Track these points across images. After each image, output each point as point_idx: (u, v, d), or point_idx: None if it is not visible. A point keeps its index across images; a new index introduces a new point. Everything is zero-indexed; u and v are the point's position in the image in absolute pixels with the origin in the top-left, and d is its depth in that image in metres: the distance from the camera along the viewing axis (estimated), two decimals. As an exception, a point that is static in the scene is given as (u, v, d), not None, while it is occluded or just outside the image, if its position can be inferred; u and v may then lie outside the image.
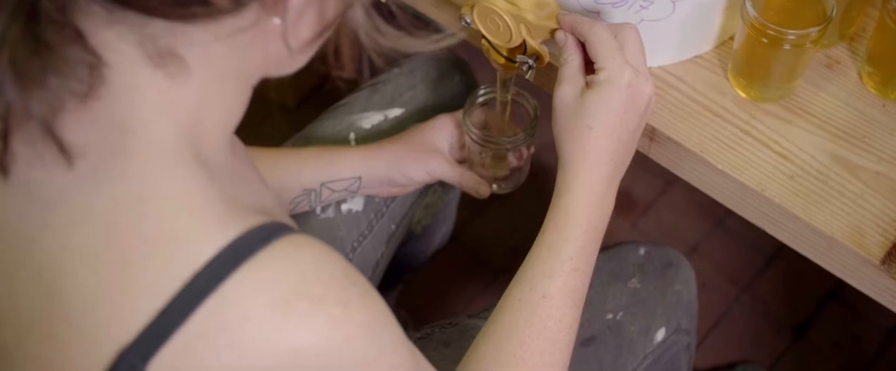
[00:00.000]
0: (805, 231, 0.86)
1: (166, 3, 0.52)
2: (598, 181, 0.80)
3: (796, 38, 0.84)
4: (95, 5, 0.53)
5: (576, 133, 0.79)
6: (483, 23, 0.90)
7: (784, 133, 0.90)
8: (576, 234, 0.80)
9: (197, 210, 0.56)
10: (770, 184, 0.87)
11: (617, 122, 0.79)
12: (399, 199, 1.11)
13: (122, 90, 0.56)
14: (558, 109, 0.81)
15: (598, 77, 0.79)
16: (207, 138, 0.60)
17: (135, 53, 0.55)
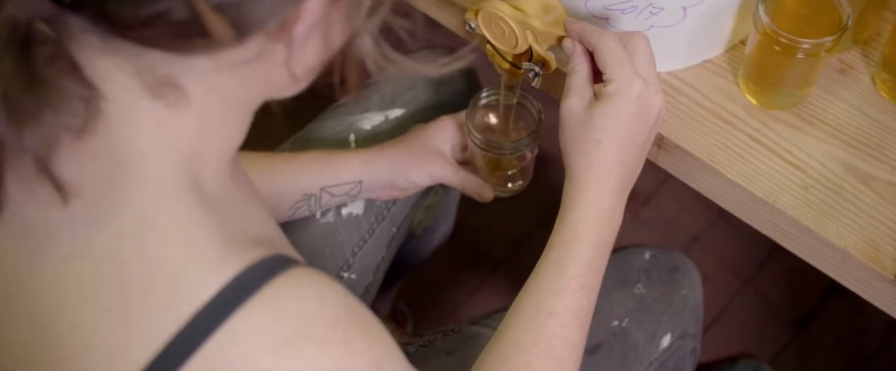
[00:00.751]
0: (817, 244, 0.84)
1: (165, 35, 0.49)
2: (606, 196, 0.78)
3: (810, 46, 0.82)
4: (91, 36, 0.50)
5: (584, 146, 0.77)
6: (488, 28, 0.87)
7: (796, 142, 0.88)
8: (583, 252, 0.78)
9: (196, 247, 0.54)
10: (782, 195, 0.85)
11: (626, 136, 0.77)
12: (400, 202, 1.09)
13: (120, 122, 0.53)
14: (566, 121, 0.79)
15: (608, 89, 0.76)
16: (207, 167, 0.58)
17: (132, 83, 0.53)
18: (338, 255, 1.04)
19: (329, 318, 0.56)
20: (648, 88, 0.76)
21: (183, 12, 0.48)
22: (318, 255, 1.03)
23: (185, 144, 0.56)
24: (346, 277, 1.05)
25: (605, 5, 0.84)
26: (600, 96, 0.77)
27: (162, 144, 0.55)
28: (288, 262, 0.57)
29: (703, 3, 0.84)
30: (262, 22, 0.50)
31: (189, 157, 0.56)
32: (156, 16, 0.48)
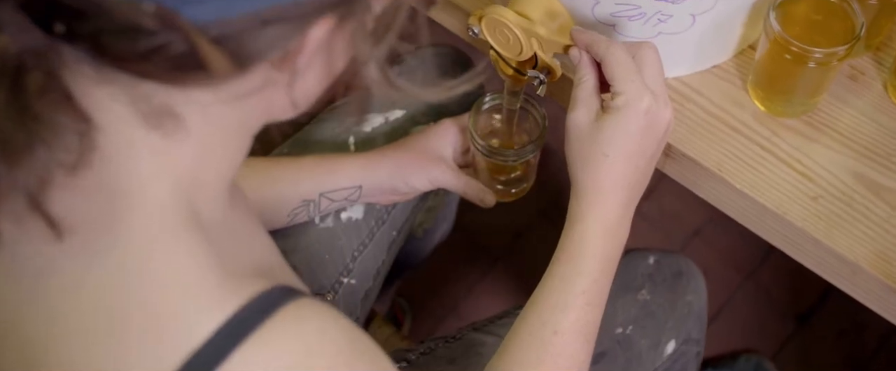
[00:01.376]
0: (827, 256, 0.83)
1: (162, 68, 0.47)
2: (613, 210, 0.76)
3: (823, 56, 0.80)
4: (84, 66, 0.48)
5: (591, 160, 0.75)
6: (492, 34, 0.85)
7: (806, 151, 0.86)
8: (589, 267, 0.76)
9: (194, 283, 0.52)
10: (791, 206, 0.84)
11: (634, 150, 0.75)
12: (400, 205, 1.07)
13: (115, 154, 0.51)
14: (572, 134, 0.77)
15: (616, 102, 0.74)
16: (206, 193, 0.56)
17: (128, 113, 0.51)
18: (337, 261, 1.03)
19: (331, 352, 0.54)
20: (657, 101, 0.74)
21: (181, 46, 0.45)
22: (318, 260, 1.02)
23: (183, 173, 0.54)
24: (345, 282, 1.04)
25: (612, 12, 0.82)
26: (608, 109, 0.75)
27: (159, 175, 0.53)
28: (288, 294, 0.55)
29: (713, 9, 0.82)
30: (264, 53, 0.48)
31: (187, 186, 0.54)
32: (153, 50, 0.46)
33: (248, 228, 0.63)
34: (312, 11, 0.47)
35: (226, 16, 0.45)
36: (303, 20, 0.47)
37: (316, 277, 1.01)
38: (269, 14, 0.46)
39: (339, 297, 1.03)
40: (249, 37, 0.46)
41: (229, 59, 0.47)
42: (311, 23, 0.48)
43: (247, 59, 0.48)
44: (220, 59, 0.46)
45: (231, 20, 0.45)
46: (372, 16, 0.50)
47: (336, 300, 1.03)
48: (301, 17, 0.47)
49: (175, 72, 0.47)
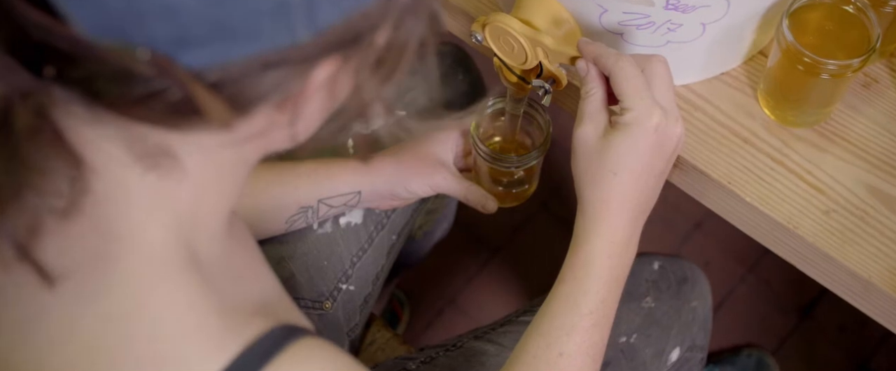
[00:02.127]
0: (839, 272, 0.81)
1: (157, 112, 0.45)
2: (620, 229, 0.74)
3: (836, 68, 0.77)
4: (76, 107, 0.45)
5: (598, 178, 0.73)
6: (495, 42, 0.82)
7: (818, 162, 0.84)
8: (596, 287, 0.74)
9: (192, 327, 0.50)
10: (803, 220, 0.81)
11: (643, 168, 0.73)
12: (400, 209, 1.05)
13: (108, 197, 0.49)
14: (579, 150, 0.74)
15: (624, 118, 0.72)
16: (203, 231, 0.54)
17: (122, 154, 0.48)
18: (336, 267, 1.01)
19: None
20: (667, 117, 0.72)
21: (177, 93, 0.43)
22: (316, 267, 0.99)
23: (179, 214, 0.51)
24: (344, 289, 1.02)
25: (620, 21, 0.80)
26: (616, 125, 0.73)
27: (155, 217, 0.50)
28: (289, 334, 0.53)
29: (724, 18, 0.79)
30: (265, 97, 0.46)
31: (184, 226, 0.52)
32: (148, 96, 0.43)
33: (247, 261, 0.61)
34: (315, 54, 0.45)
35: (224, 60, 0.42)
36: (306, 63, 0.45)
37: (314, 284, 0.99)
38: (270, 58, 0.43)
39: (338, 304, 1.01)
40: (250, 81, 0.44)
41: (228, 104, 0.45)
42: (315, 65, 0.45)
43: (247, 103, 0.45)
44: (218, 105, 0.44)
45: (230, 65, 0.43)
46: (377, 50, 0.48)
47: (335, 307, 1.01)
48: (304, 61, 0.45)
49: (172, 117, 0.45)
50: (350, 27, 0.44)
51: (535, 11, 0.81)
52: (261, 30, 0.42)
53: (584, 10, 0.80)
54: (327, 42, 0.44)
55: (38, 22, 0.40)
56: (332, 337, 1.01)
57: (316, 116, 0.52)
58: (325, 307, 1.00)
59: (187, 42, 0.41)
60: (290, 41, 0.43)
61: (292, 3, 0.41)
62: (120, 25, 0.41)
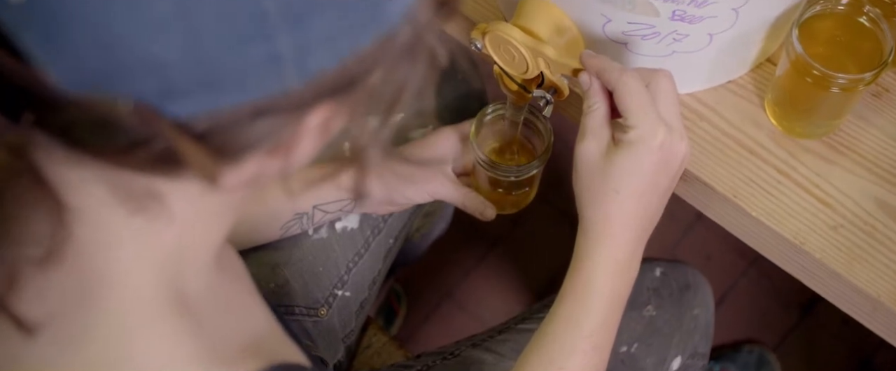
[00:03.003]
0: (847, 290, 0.79)
1: (142, 161, 0.42)
2: (622, 248, 0.72)
3: (847, 82, 0.75)
4: (57, 149, 0.43)
5: (600, 197, 0.71)
6: (496, 51, 0.80)
7: (826, 175, 0.81)
8: (596, 308, 0.72)
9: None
10: (810, 235, 0.79)
11: (647, 187, 0.70)
12: (397, 213, 1.02)
13: (92, 239, 0.47)
14: (581, 167, 0.72)
15: (628, 136, 0.69)
16: (191, 267, 0.52)
17: (106, 196, 0.46)
18: (331, 273, 0.99)
19: None
20: (672, 135, 0.70)
21: (162, 143, 0.41)
22: (311, 273, 0.97)
23: (166, 254, 0.49)
24: (340, 295, 1.00)
25: (624, 30, 0.77)
26: (620, 142, 0.70)
27: (140, 259, 0.48)
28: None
29: (732, 29, 0.77)
30: (256, 146, 0.43)
31: (171, 265, 0.50)
32: (132, 144, 0.41)
33: (237, 295, 0.59)
34: (308, 101, 0.42)
35: (212, 110, 0.40)
36: (298, 110, 0.42)
37: (309, 291, 0.97)
38: (259, 106, 0.41)
39: (334, 310, 0.99)
40: (239, 130, 0.41)
41: (217, 153, 0.42)
42: (307, 111, 0.43)
43: (237, 152, 0.43)
44: (206, 156, 0.42)
45: (218, 114, 0.40)
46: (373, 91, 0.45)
47: (330, 314, 0.99)
48: (295, 108, 0.42)
49: (158, 165, 0.43)
50: (344, 72, 0.42)
51: (536, 19, 0.79)
52: (250, 80, 0.39)
53: (588, 19, 0.77)
54: (320, 88, 0.42)
55: (13, 69, 0.38)
56: (326, 344, 0.99)
57: (308, 155, 0.49)
58: (320, 314, 0.98)
59: (172, 93, 0.39)
60: (280, 89, 0.40)
61: (282, 54, 0.39)
62: (99, 80, 0.38)
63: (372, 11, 0.41)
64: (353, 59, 0.41)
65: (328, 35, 0.40)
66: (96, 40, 0.37)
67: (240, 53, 0.38)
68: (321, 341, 0.98)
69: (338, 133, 0.50)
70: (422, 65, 0.45)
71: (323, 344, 0.98)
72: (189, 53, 0.38)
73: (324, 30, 0.39)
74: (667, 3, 0.73)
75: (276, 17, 0.38)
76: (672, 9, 0.74)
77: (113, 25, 0.37)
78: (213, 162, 0.42)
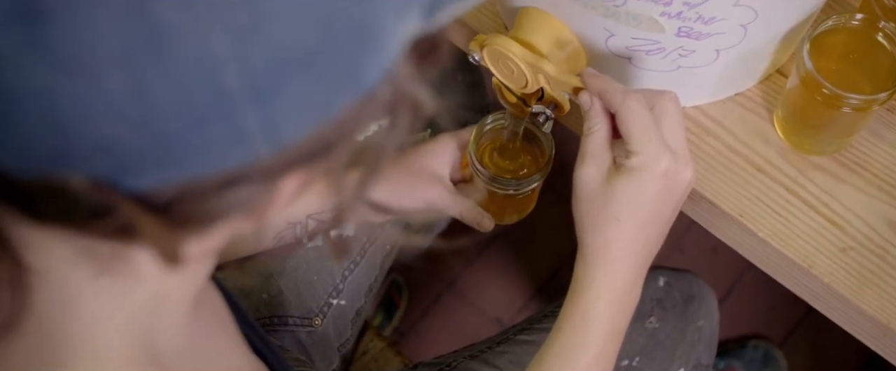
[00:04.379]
0: (856, 315, 0.76)
1: (104, 232, 0.39)
2: (622, 277, 0.69)
3: (859, 102, 0.72)
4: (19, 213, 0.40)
5: (600, 224, 0.68)
6: (494, 64, 0.77)
7: (836, 194, 0.78)
8: (594, 338, 0.70)
9: None
10: (818, 257, 0.76)
11: (649, 215, 0.67)
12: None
13: (57, 300, 0.44)
14: (580, 192, 0.69)
15: (631, 162, 0.66)
16: (165, 321, 0.49)
17: (72, 255, 0.43)
18: (326, 281, 0.96)
19: None
20: (677, 162, 0.67)
21: (123, 218, 0.38)
22: (306, 282, 0.95)
23: (136, 311, 0.47)
24: (335, 304, 0.97)
25: (627, 45, 0.74)
26: (622, 169, 0.67)
27: (108, 319, 0.45)
28: None
29: (740, 44, 0.74)
30: (226, 215, 0.40)
31: (142, 322, 0.47)
32: (93, 217, 0.38)
33: (216, 341, 0.57)
34: (281, 169, 0.39)
35: (174, 181, 0.37)
36: (270, 178, 0.39)
37: (303, 301, 0.95)
38: (227, 177, 0.38)
39: (328, 320, 0.97)
40: (206, 201, 0.39)
41: (183, 224, 0.39)
42: (281, 179, 0.40)
43: (204, 222, 0.40)
44: (166, 229, 0.39)
45: (181, 186, 0.37)
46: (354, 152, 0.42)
47: (325, 323, 0.97)
48: (267, 177, 0.39)
49: (121, 236, 0.40)
50: (319, 139, 0.39)
51: (536, 31, 0.75)
52: (214, 155, 0.36)
53: (590, 33, 0.74)
54: (293, 157, 0.39)
55: None
56: (321, 354, 0.97)
57: (284, 210, 0.46)
58: (314, 324, 0.96)
59: (129, 169, 0.36)
60: (249, 160, 0.37)
61: (249, 130, 0.36)
62: (52, 160, 0.35)
63: (347, 75, 0.37)
64: (329, 124, 0.38)
65: (299, 105, 0.37)
66: (45, 124, 0.34)
67: (201, 132, 0.35)
68: (315, 352, 0.96)
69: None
70: (406, 118, 0.42)
71: (317, 355, 0.96)
72: (145, 134, 0.35)
73: (294, 101, 0.36)
74: (672, 19, 0.70)
75: (240, 96, 0.35)
76: (678, 25, 0.70)
77: (61, 109, 0.34)
78: (175, 235, 0.39)
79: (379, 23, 0.37)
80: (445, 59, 0.43)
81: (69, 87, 0.33)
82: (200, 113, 0.35)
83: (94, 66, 0.33)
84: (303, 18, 0.35)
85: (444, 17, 0.39)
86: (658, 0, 0.68)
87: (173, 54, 0.33)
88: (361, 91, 0.38)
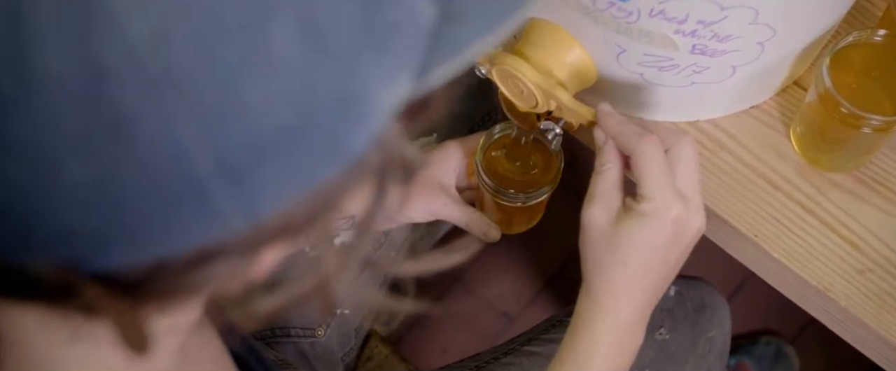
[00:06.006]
0: (874, 340, 0.74)
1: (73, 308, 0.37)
2: (626, 318, 0.68)
3: (880, 123, 0.69)
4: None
5: (606, 267, 0.66)
6: (504, 83, 0.74)
7: (855, 213, 0.76)
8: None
9: None
10: (836, 280, 0.74)
11: (656, 261, 0.66)
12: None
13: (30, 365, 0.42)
14: (588, 233, 0.67)
15: (642, 207, 0.64)
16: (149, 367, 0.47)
17: (44, 321, 0.41)
18: (329, 291, 0.94)
19: None
20: (688, 209, 0.65)
21: (90, 297, 0.35)
22: (307, 292, 0.93)
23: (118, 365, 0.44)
24: (338, 314, 0.95)
25: (639, 61, 0.71)
26: (631, 212, 0.65)
27: None
28: None
29: (757, 60, 0.71)
30: (203, 288, 0.38)
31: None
32: (58, 296, 0.36)
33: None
34: (259, 242, 0.37)
35: (144, 261, 0.34)
36: (248, 251, 0.37)
37: (306, 311, 0.93)
38: (202, 253, 0.35)
39: (332, 330, 0.95)
40: (180, 278, 0.36)
41: (158, 299, 0.37)
42: (261, 250, 0.37)
43: (179, 299, 0.38)
44: (138, 310, 0.36)
45: (152, 265, 0.35)
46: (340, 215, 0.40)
47: (328, 334, 0.95)
48: (246, 250, 0.36)
49: (91, 314, 0.37)
50: (303, 211, 0.36)
51: (545, 44, 0.73)
52: (187, 234, 0.34)
53: (601, 48, 0.71)
54: (274, 230, 0.36)
55: None
56: (324, 365, 0.95)
57: (270, 268, 0.44)
58: (317, 334, 0.94)
59: (95, 252, 0.33)
60: (225, 236, 0.35)
61: (223, 210, 0.33)
62: (12, 253, 0.33)
63: (330, 148, 0.35)
64: (312, 196, 0.35)
65: (278, 182, 0.34)
66: (4, 215, 0.32)
67: (170, 215, 0.33)
68: (318, 363, 0.94)
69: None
70: (395, 180, 0.39)
71: (320, 365, 0.94)
72: (111, 219, 0.32)
73: (272, 178, 0.34)
74: (686, 37, 0.67)
75: (212, 180, 0.32)
76: (692, 43, 0.68)
77: (21, 200, 0.31)
78: (144, 316, 0.37)
79: (365, 92, 0.34)
80: (439, 113, 0.40)
81: (29, 177, 0.31)
82: (169, 197, 0.32)
83: (53, 155, 0.31)
84: (280, 100, 0.32)
85: (438, 77, 0.37)
86: (672, 18, 0.65)
87: (138, 141, 0.31)
88: (346, 161, 0.35)
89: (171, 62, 0.30)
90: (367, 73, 0.34)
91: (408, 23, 0.34)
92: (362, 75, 0.34)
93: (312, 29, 0.32)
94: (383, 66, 0.34)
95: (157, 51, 0.30)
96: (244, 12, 0.31)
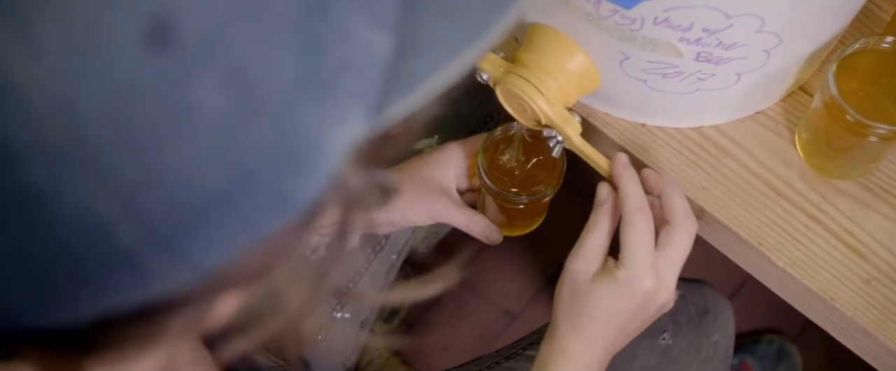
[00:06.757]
0: (880, 350, 0.73)
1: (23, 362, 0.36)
2: (586, 365, 0.73)
3: (887, 132, 0.68)
4: None
5: (576, 318, 0.72)
6: (508, 101, 0.74)
7: (861, 221, 0.75)
8: None
9: None
10: (841, 289, 0.73)
11: (620, 323, 0.72)
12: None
13: None
14: (565, 284, 0.73)
15: (619, 273, 0.70)
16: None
17: None
18: (329, 295, 0.93)
19: None
20: (659, 285, 0.71)
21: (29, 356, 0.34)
22: (308, 296, 0.92)
23: None
24: (339, 317, 0.95)
25: (643, 68, 0.70)
26: (608, 274, 0.71)
27: None
28: None
29: (762, 68, 0.70)
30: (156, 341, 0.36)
31: None
32: None
33: None
34: (210, 293, 0.34)
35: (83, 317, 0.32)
36: (200, 303, 0.35)
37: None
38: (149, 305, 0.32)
39: (332, 334, 0.94)
40: (130, 330, 0.34)
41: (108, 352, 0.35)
42: (213, 301, 0.36)
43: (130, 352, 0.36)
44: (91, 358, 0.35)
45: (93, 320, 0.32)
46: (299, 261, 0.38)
47: (328, 338, 0.94)
48: (196, 302, 0.35)
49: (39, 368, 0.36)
50: (255, 261, 0.34)
51: (547, 50, 0.72)
52: (122, 294, 0.31)
53: (604, 54, 0.70)
54: (226, 281, 0.34)
55: None
56: (324, 369, 0.94)
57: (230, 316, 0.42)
58: (316, 339, 0.93)
59: (24, 315, 0.32)
60: (170, 291, 0.32)
61: (159, 272, 0.31)
62: None
63: (275, 201, 0.32)
64: (264, 246, 0.33)
65: (219, 240, 0.31)
66: None
67: (98, 283, 0.30)
68: (318, 368, 0.94)
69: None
70: (358, 218, 0.38)
71: (320, 370, 0.94)
72: (36, 291, 0.30)
73: (212, 237, 0.31)
74: (691, 45, 0.66)
75: (140, 248, 0.30)
76: (697, 51, 0.67)
77: None
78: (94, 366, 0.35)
79: (308, 141, 0.31)
80: (403, 146, 0.38)
81: None
82: (95, 267, 0.30)
83: None
84: (208, 165, 0.30)
85: (397, 112, 0.35)
86: (677, 26, 0.64)
87: (50, 216, 0.29)
88: (297, 209, 0.33)
89: (81, 133, 0.28)
90: (310, 121, 0.31)
91: (358, 60, 0.32)
92: (304, 123, 0.31)
93: (240, 82, 0.29)
94: (331, 109, 0.31)
95: (67, 123, 0.28)
96: (158, 69, 0.28)
